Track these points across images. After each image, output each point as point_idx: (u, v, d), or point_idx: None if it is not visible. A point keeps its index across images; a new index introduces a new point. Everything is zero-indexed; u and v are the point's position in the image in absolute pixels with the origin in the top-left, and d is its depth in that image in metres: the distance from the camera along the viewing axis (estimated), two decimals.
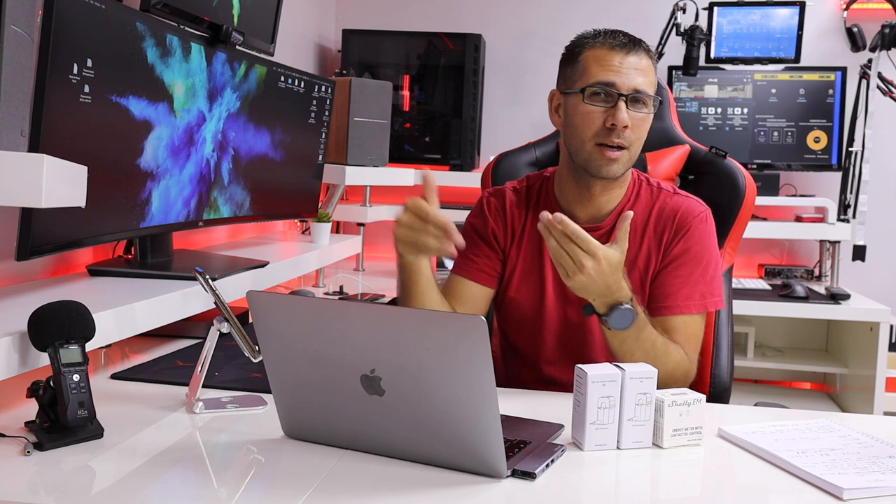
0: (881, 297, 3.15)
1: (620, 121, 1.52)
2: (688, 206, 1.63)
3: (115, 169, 1.62)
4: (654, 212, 1.63)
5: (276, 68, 2.20)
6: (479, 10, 3.74)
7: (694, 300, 1.58)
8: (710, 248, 1.62)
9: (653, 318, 1.56)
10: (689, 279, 1.59)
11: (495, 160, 1.97)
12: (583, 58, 1.58)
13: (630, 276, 1.60)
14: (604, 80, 1.54)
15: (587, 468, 1.20)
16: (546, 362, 1.66)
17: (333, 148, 2.80)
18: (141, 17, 1.64)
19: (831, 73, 3.45)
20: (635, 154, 1.59)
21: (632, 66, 1.54)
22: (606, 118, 1.54)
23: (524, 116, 3.66)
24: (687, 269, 1.59)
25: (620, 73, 1.54)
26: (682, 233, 1.61)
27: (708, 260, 1.61)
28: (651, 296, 1.60)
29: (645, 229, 1.63)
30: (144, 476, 1.12)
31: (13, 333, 1.23)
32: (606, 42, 1.56)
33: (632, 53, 1.55)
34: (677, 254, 1.60)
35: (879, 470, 1.17)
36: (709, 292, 1.60)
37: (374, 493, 1.08)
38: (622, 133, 1.54)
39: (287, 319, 1.20)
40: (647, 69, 1.57)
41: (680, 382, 1.53)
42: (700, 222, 1.62)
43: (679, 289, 1.58)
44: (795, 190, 3.55)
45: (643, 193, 1.66)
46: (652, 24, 3.39)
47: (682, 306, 1.58)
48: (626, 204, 1.64)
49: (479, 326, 1.05)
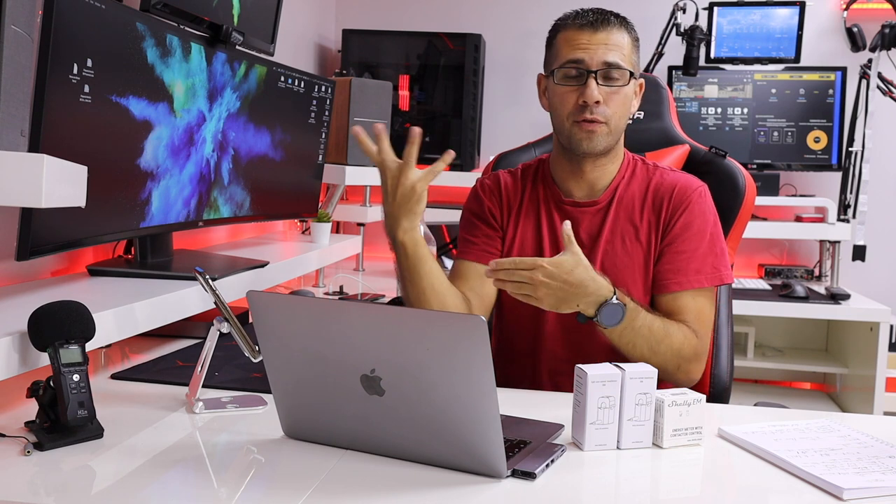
0: (881, 297, 3.15)
1: (590, 97, 1.55)
2: (685, 181, 1.64)
3: (115, 169, 1.62)
4: (651, 188, 1.64)
5: (276, 68, 2.20)
6: (479, 10, 3.74)
7: (705, 273, 1.58)
8: (712, 221, 1.62)
9: (661, 295, 1.57)
10: (696, 253, 1.59)
11: (495, 160, 1.98)
12: (556, 40, 1.63)
13: (633, 253, 1.61)
14: (572, 59, 1.58)
15: (587, 468, 1.20)
16: (546, 338, 1.66)
17: (333, 148, 2.80)
18: (141, 17, 1.64)
19: (831, 73, 3.45)
20: (616, 128, 1.60)
21: (601, 41, 1.57)
22: (579, 96, 1.57)
23: (524, 116, 3.66)
24: (693, 244, 1.59)
25: (588, 49, 1.57)
26: (681, 208, 1.61)
27: (713, 233, 1.61)
28: (658, 273, 1.60)
29: (644, 204, 1.64)
30: (144, 476, 1.12)
31: (13, 333, 1.23)
32: (576, 22, 1.60)
33: (601, 30, 1.57)
34: (680, 230, 1.60)
35: (879, 470, 1.17)
36: (721, 264, 1.60)
37: (374, 493, 1.08)
38: (595, 109, 1.56)
39: (287, 319, 1.20)
40: (619, 43, 1.58)
41: (691, 361, 1.54)
42: (698, 196, 1.62)
43: (687, 263, 1.58)
44: (795, 190, 3.55)
45: (639, 171, 1.67)
46: (652, 24, 3.39)
47: (692, 281, 1.58)
48: (621, 181, 1.66)
49: (479, 326, 1.05)
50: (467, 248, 1.71)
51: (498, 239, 1.71)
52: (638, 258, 1.61)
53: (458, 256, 1.72)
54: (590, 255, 1.61)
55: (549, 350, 1.66)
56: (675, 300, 1.57)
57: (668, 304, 1.58)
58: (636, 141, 1.89)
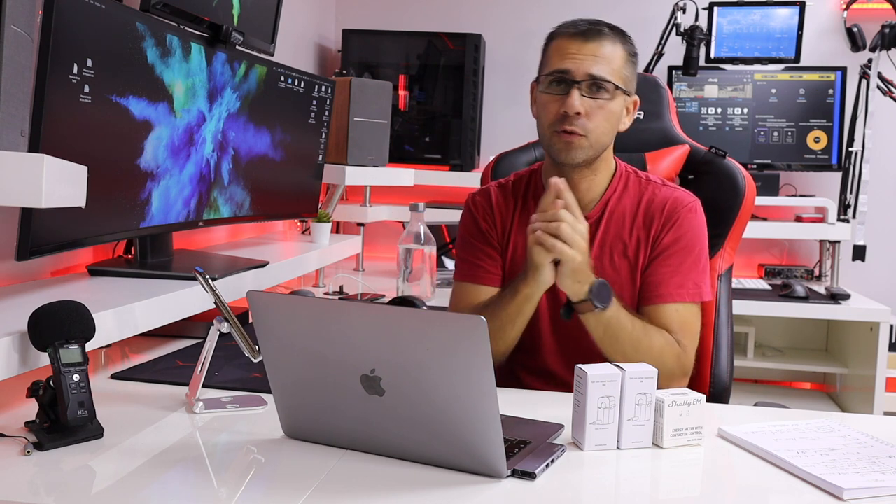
0: (881, 297, 3.15)
1: (570, 107, 1.53)
2: (677, 196, 1.64)
3: (115, 169, 1.62)
4: (643, 203, 1.64)
5: (276, 68, 2.20)
6: (479, 10, 3.74)
7: (686, 289, 1.59)
8: (700, 238, 1.62)
9: (645, 307, 1.57)
10: (681, 268, 1.59)
11: (495, 160, 1.97)
12: (549, 48, 1.61)
13: (620, 268, 1.61)
14: (559, 69, 1.56)
15: (587, 468, 1.20)
16: (547, 353, 1.66)
17: (333, 148, 2.80)
18: (141, 17, 1.64)
19: (831, 73, 3.45)
20: (597, 142, 1.57)
21: (590, 52, 1.55)
22: (560, 105, 1.55)
23: (524, 116, 3.60)
24: (678, 259, 1.60)
25: (576, 59, 1.55)
26: (671, 223, 1.61)
27: (700, 249, 1.62)
28: (643, 286, 1.61)
29: (634, 220, 1.63)
30: (144, 476, 1.12)
31: (13, 333, 1.23)
32: (568, 31, 1.58)
33: (591, 40, 1.55)
34: (668, 244, 1.60)
35: (879, 470, 1.17)
36: (702, 281, 1.60)
37: (374, 493, 1.08)
38: (575, 120, 1.54)
39: (287, 319, 1.20)
40: (609, 56, 1.56)
41: (673, 370, 1.53)
42: (689, 212, 1.62)
43: (671, 277, 1.59)
44: (795, 190, 3.55)
45: (631, 185, 1.66)
46: (652, 24, 3.39)
47: (673, 294, 1.58)
48: (613, 194, 1.65)
49: (479, 326, 1.05)
50: (471, 270, 1.69)
51: (498, 256, 1.69)
52: (625, 273, 1.61)
53: (461, 279, 1.70)
54: None
55: (547, 342, 1.65)
56: (658, 312, 1.58)
57: (652, 315, 1.58)
58: (636, 141, 1.89)
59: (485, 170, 1.97)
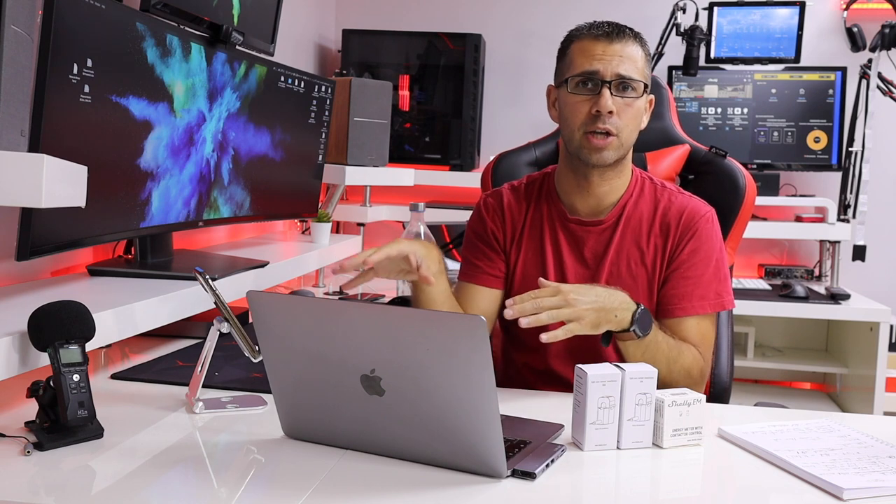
0: (881, 297, 3.15)
1: (603, 106, 1.54)
2: (693, 206, 1.63)
3: (115, 169, 1.62)
4: (660, 210, 1.63)
5: (276, 68, 2.20)
6: (479, 10, 3.74)
7: (708, 300, 1.59)
8: (718, 247, 1.63)
9: (666, 320, 1.57)
10: (702, 280, 1.59)
11: (495, 160, 1.97)
12: (570, 50, 1.61)
13: (637, 276, 1.61)
14: (588, 70, 1.56)
15: (587, 468, 1.20)
16: (553, 356, 1.66)
17: (333, 148, 2.80)
18: (141, 17, 1.64)
19: (831, 73, 3.45)
20: (626, 140, 1.59)
21: (616, 52, 1.56)
22: (592, 106, 1.56)
23: (524, 116, 3.66)
24: (698, 270, 1.60)
25: (603, 60, 1.55)
26: (689, 234, 1.61)
27: (718, 259, 1.62)
28: (663, 298, 1.60)
29: (651, 227, 1.63)
30: (144, 476, 1.12)
31: (13, 333, 1.23)
32: (591, 32, 1.59)
33: (616, 41, 1.56)
34: (687, 256, 1.60)
35: (879, 470, 1.17)
36: (724, 290, 1.61)
37: (374, 493, 1.08)
38: (608, 119, 1.55)
39: (287, 319, 1.20)
40: (633, 56, 1.57)
41: (698, 382, 1.55)
42: (706, 223, 1.62)
43: (693, 290, 1.59)
44: (795, 190, 3.55)
45: (647, 191, 1.66)
46: (652, 24, 3.39)
47: (696, 307, 1.58)
48: (630, 199, 1.64)
49: (479, 326, 1.05)
50: (472, 271, 1.70)
51: (502, 262, 1.69)
52: (642, 281, 1.61)
53: (462, 279, 1.72)
54: (594, 275, 1.62)
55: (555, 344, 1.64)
56: (679, 325, 1.58)
57: (672, 328, 1.57)
58: (636, 141, 1.88)
59: (485, 170, 1.97)
